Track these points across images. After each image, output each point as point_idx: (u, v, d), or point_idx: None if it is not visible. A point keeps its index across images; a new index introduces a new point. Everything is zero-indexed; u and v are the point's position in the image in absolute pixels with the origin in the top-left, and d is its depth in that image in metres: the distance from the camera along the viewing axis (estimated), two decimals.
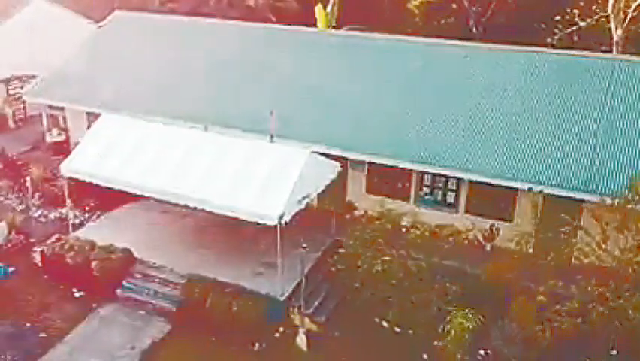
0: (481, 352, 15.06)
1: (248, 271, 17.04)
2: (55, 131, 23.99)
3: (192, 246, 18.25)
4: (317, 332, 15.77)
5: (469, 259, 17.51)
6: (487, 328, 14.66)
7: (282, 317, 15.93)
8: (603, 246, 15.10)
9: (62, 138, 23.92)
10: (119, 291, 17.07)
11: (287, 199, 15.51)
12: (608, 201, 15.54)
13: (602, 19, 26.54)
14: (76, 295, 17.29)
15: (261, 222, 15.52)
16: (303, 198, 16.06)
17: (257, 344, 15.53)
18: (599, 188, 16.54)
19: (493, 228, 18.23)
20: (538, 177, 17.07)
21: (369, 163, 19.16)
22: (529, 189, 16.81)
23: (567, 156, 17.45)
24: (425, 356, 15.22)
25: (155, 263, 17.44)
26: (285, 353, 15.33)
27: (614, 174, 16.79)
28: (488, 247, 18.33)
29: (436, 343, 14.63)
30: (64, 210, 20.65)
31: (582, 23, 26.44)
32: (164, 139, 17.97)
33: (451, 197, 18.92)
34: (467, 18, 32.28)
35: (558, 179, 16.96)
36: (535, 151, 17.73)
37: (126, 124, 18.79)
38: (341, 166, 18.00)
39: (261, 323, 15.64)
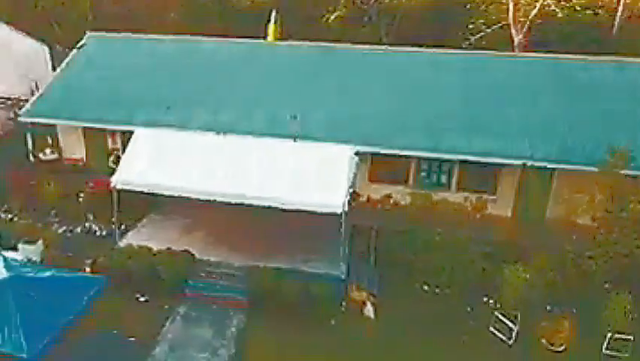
0: None
1: (299, 257, 17.95)
2: (48, 150, 22.85)
3: (240, 240, 18.89)
4: (374, 302, 17.01)
5: (469, 226, 19.49)
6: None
7: (342, 294, 16.98)
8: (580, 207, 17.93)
9: (55, 156, 22.80)
10: (187, 290, 17.20)
11: (346, 190, 16.66)
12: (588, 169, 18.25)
13: (505, 27, 29.83)
14: (141, 299, 17.18)
15: (326, 211, 16.41)
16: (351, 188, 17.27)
17: (332, 320, 16.45)
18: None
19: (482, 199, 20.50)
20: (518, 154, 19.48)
21: (372, 154, 20.49)
22: (524, 165, 19.15)
23: (537, 134, 19.99)
24: (468, 309, 17.04)
25: (214, 260, 17.71)
26: (358, 324, 16.64)
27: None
28: (478, 216, 20.50)
29: (485, 298, 16.62)
30: (87, 225, 20.20)
31: (488, 30, 29.56)
32: (206, 146, 18.43)
33: (444, 178, 20.83)
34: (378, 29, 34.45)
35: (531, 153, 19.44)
36: (510, 133, 20.14)
37: (162, 136, 18.85)
38: None
39: (327, 301, 16.60)
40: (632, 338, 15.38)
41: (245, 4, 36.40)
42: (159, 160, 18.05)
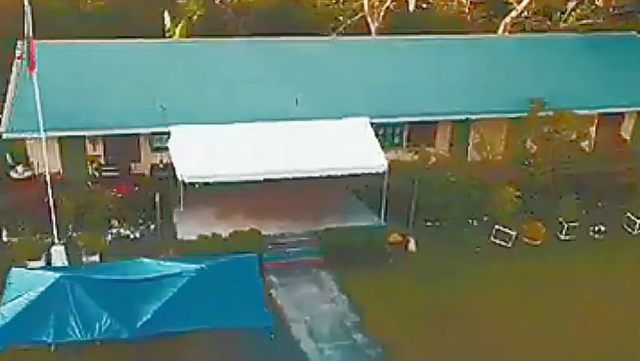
0: None
1: (338, 217, 20.67)
2: (20, 167, 21.03)
3: (279, 214, 20.62)
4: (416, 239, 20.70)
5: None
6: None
7: (384, 237, 20.20)
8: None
9: (29, 173, 21.13)
10: (266, 263, 18.59)
11: (380, 152, 19.89)
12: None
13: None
14: None
15: (372, 172, 19.45)
16: None
17: (390, 259, 19.67)
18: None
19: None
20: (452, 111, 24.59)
21: None
22: (467, 119, 24.23)
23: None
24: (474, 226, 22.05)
25: (276, 233, 19.37)
26: (406, 256, 20.02)
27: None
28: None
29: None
30: (114, 230, 19.93)
31: (349, 21, 34.12)
32: (239, 134, 19.74)
33: (397, 138, 24.91)
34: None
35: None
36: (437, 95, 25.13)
37: (198, 131, 19.58)
38: None
39: (379, 246, 19.74)
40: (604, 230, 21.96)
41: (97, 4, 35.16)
42: (206, 152, 18.95)
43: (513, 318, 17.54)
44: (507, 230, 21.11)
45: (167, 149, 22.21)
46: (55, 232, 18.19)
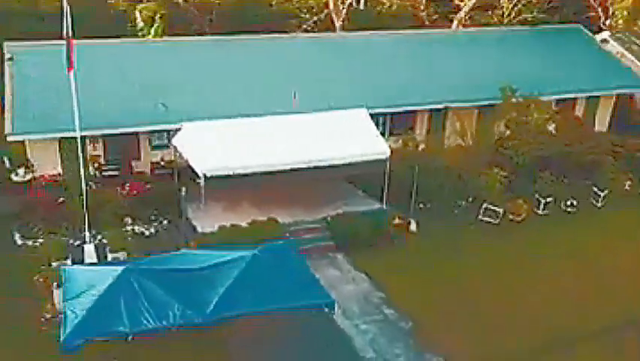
0: None
1: (340, 203, 21.51)
2: (21, 170, 20.52)
3: (287, 204, 21.20)
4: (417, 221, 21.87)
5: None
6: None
7: (387, 220, 21.22)
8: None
9: (30, 176, 20.66)
10: None
11: (381, 140, 20.89)
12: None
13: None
14: None
15: (376, 158, 20.42)
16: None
17: (395, 241, 20.74)
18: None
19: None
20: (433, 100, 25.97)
21: None
22: (445, 107, 25.63)
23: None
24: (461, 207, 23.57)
25: (289, 221, 20.01)
26: (407, 236, 21.25)
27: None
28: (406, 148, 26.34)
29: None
30: (129, 228, 19.95)
31: (315, 18, 34.92)
32: (248, 128, 20.22)
33: (380, 127, 25.92)
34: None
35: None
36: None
37: (207, 127, 19.88)
38: None
39: (383, 229, 20.78)
40: (575, 203, 23.86)
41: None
42: (219, 147, 19.27)
43: (507, 281, 19.27)
44: (495, 208, 22.67)
45: (167, 147, 22.52)
46: (86, 231, 18.03)
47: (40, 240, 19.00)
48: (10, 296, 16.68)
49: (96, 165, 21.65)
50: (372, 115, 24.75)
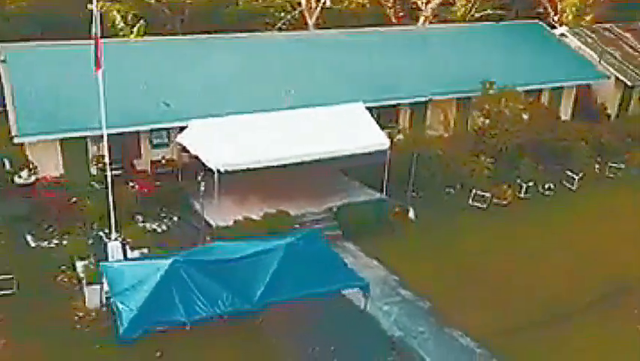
0: None
1: (342, 195, 22.14)
2: (24, 172, 20.16)
3: (291, 196, 21.61)
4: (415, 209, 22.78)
5: None
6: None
7: (388, 210, 22.03)
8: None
9: (34, 178, 20.33)
10: None
11: (381, 132, 21.68)
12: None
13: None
14: None
15: (377, 149, 21.19)
16: None
17: (395, 228, 21.59)
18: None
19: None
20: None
21: None
22: (429, 99, 26.66)
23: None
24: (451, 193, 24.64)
25: (297, 213, 20.51)
26: (407, 224, 22.06)
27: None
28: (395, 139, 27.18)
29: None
30: (141, 225, 19.98)
31: (288, 17, 35.42)
32: (253, 124, 20.62)
33: None
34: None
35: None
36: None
37: (215, 123, 20.16)
38: None
39: (385, 217, 21.59)
40: (553, 187, 25.29)
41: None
42: (231, 142, 19.58)
43: (503, 258, 20.61)
44: (483, 193, 23.85)
45: (167, 145, 22.62)
46: (112, 228, 17.99)
47: (55, 241, 18.84)
48: (35, 297, 16.57)
49: (100, 165, 21.47)
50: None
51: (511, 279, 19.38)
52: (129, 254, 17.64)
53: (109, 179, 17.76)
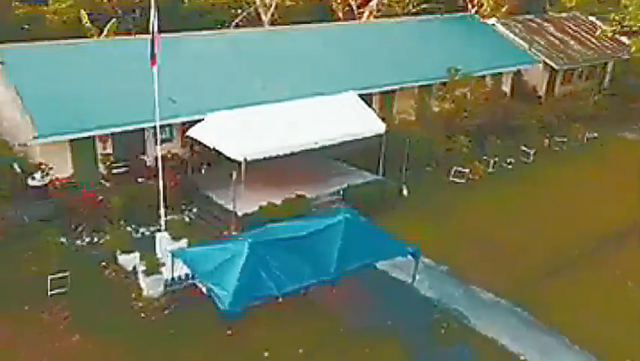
0: None
1: (345, 178, 23.45)
2: (37, 174, 19.72)
3: (295, 182, 22.41)
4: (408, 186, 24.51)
5: None
6: None
7: (391, 187, 23.63)
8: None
9: (46, 181, 19.95)
10: None
11: (376, 117, 23.19)
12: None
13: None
14: None
15: (375, 134, 22.69)
16: None
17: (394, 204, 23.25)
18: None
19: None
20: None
21: None
22: (397, 89, 28.48)
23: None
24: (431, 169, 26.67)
25: (312, 195, 21.63)
26: (402, 200, 23.83)
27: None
28: None
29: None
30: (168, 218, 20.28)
31: (244, 13, 35.92)
32: (263, 115, 21.46)
33: None
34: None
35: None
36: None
37: (231, 115, 20.78)
38: None
39: (382, 195, 23.19)
40: (513, 161, 27.85)
41: None
42: (244, 132, 20.30)
43: (491, 222, 22.91)
44: (463, 170, 26.07)
45: (170, 140, 22.87)
46: (162, 220, 18.26)
47: (87, 239, 18.76)
48: (89, 293, 16.66)
49: (107, 163, 21.38)
50: None
51: (504, 240, 21.57)
52: (173, 245, 17.94)
53: (160, 172, 17.97)
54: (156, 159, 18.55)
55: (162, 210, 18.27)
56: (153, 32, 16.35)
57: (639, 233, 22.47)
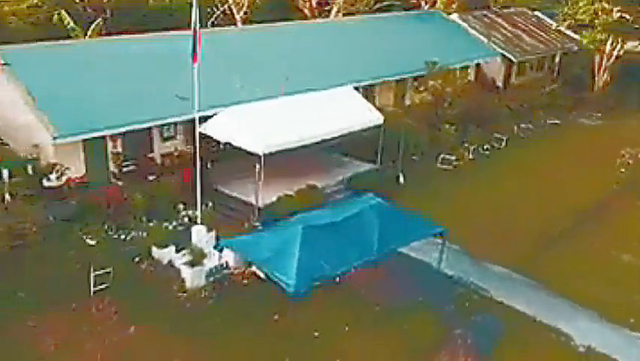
0: None
1: (346, 169, 24.24)
2: (53, 175, 19.40)
3: (301, 175, 22.90)
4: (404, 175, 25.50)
5: None
6: None
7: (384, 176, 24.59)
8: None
9: (63, 181, 19.66)
10: None
11: (373, 109, 24.10)
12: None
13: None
14: None
15: (373, 125, 23.60)
16: None
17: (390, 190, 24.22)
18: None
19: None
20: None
21: None
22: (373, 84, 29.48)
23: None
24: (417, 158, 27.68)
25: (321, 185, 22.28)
26: (400, 186, 24.82)
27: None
28: None
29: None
30: (188, 213, 20.46)
31: (218, 12, 35.87)
32: (273, 109, 21.95)
33: None
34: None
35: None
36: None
37: (245, 110, 21.12)
38: None
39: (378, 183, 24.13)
40: (488, 147, 29.30)
41: None
42: (256, 126, 20.71)
43: (482, 201, 24.56)
44: (449, 157, 27.38)
45: (174, 138, 22.96)
46: (198, 213, 18.43)
47: (114, 236, 18.67)
48: (131, 287, 16.72)
49: (118, 162, 21.24)
50: None
51: (497, 220, 23.01)
52: (207, 236, 18.19)
53: (198, 165, 18.17)
54: (178, 156, 18.77)
55: (198, 203, 18.66)
56: (195, 29, 16.46)
57: (608, 209, 24.55)
